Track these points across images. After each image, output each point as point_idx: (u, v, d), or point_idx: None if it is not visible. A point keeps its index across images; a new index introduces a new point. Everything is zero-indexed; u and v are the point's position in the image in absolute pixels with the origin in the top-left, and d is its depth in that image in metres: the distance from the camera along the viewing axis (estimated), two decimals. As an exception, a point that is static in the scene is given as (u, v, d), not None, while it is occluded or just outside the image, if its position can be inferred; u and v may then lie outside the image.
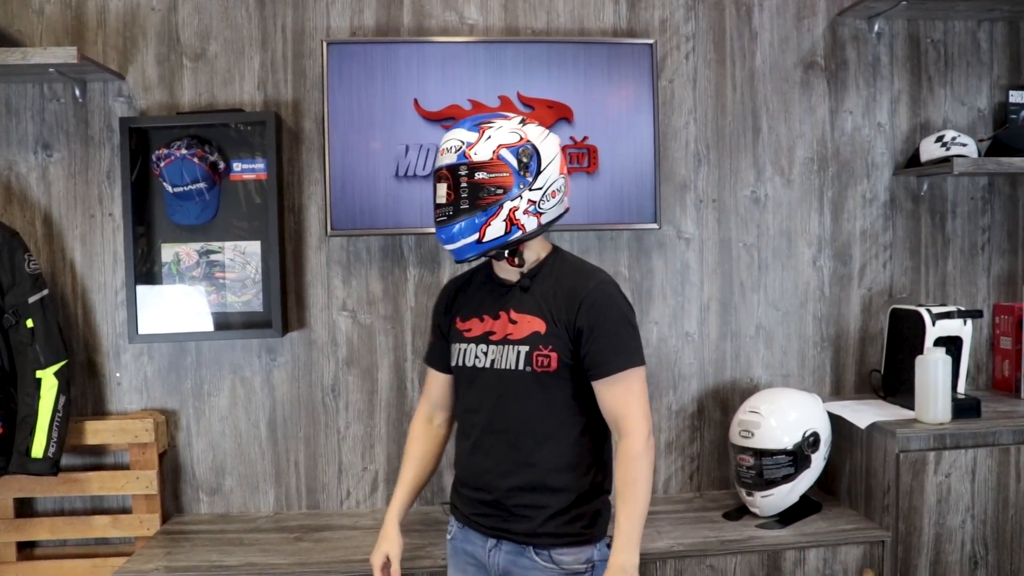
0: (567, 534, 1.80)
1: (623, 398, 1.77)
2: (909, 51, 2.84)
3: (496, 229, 1.77)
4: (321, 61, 2.55)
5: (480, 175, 1.77)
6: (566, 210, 1.90)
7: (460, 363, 1.91)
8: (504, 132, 1.78)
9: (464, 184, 1.77)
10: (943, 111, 2.87)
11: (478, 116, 1.85)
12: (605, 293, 1.80)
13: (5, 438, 2.39)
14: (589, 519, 1.83)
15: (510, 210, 1.77)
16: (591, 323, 1.77)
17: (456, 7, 2.67)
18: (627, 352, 1.78)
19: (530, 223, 1.79)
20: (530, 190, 1.78)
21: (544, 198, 1.80)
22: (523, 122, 1.83)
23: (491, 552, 1.86)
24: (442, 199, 1.79)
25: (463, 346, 1.90)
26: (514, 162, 1.76)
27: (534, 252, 1.88)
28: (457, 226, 1.77)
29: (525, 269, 1.86)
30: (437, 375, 2.02)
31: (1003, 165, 2.62)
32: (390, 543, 1.95)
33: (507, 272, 1.88)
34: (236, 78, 2.62)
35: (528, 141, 1.79)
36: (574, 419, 1.82)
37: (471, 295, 1.95)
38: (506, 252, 1.82)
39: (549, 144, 1.83)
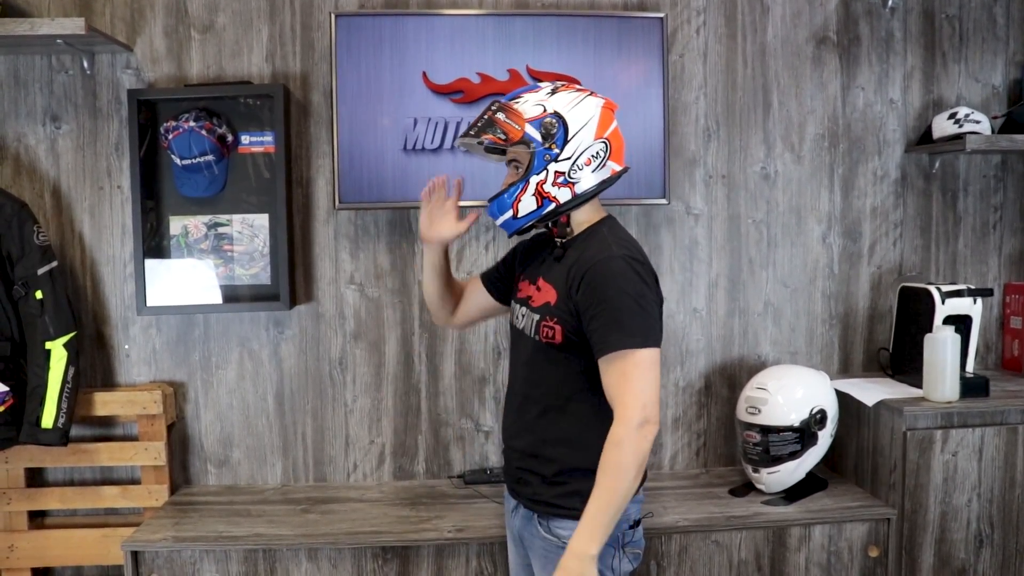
0: (563, 507, 1.77)
1: (616, 381, 1.66)
2: (923, 26, 2.81)
3: (527, 204, 1.77)
4: (330, 33, 2.53)
5: None
6: (617, 173, 1.82)
7: (511, 321, 1.95)
8: (528, 106, 1.76)
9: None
10: (957, 88, 2.84)
11: (514, 92, 1.83)
12: (608, 269, 1.69)
13: (15, 408, 2.41)
14: (587, 496, 1.71)
15: (537, 184, 1.75)
16: (588, 301, 1.69)
17: (465, -21, 2.65)
18: (626, 332, 1.65)
19: (562, 194, 1.76)
20: (556, 161, 1.75)
21: (575, 167, 1.76)
22: (553, 91, 1.78)
23: (512, 514, 1.92)
24: None
25: (515, 305, 1.93)
26: (537, 135, 1.74)
27: (582, 220, 1.83)
28: (495, 204, 1.81)
29: (567, 238, 1.83)
30: (477, 281, 2.07)
31: (1016, 143, 2.60)
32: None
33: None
34: (244, 50, 2.61)
35: (552, 112, 1.75)
36: (580, 395, 1.77)
37: (534, 255, 1.96)
38: (549, 223, 1.82)
39: (581, 110, 1.76)
